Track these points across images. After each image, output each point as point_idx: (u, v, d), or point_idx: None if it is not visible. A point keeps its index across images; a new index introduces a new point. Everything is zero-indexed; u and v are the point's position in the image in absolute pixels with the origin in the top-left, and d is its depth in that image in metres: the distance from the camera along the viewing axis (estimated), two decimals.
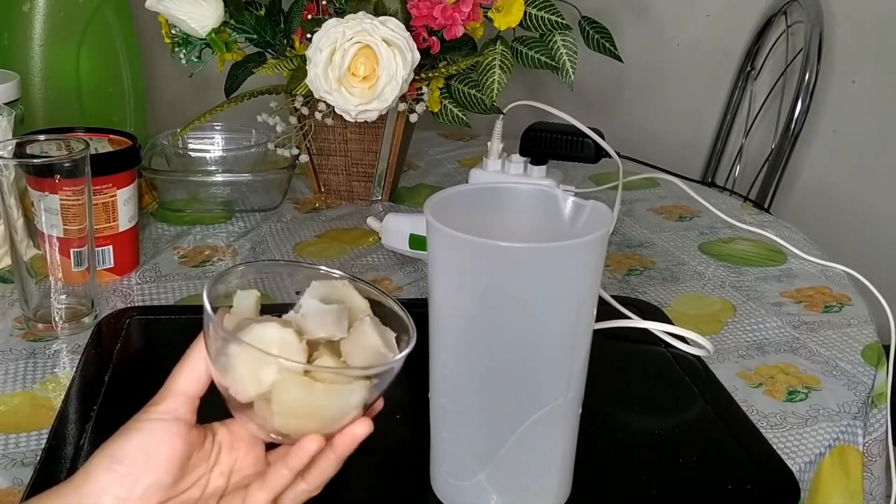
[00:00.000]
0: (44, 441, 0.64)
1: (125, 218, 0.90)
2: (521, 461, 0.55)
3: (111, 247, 0.89)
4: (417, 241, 0.95)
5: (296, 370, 0.46)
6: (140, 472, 0.46)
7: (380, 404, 0.51)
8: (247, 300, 0.51)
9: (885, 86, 1.67)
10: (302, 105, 1.05)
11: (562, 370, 0.53)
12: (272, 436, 0.50)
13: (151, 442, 0.47)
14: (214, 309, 0.48)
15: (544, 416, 0.53)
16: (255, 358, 0.46)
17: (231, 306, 0.51)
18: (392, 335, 0.51)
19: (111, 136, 0.92)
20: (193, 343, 0.50)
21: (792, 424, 0.70)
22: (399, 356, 0.49)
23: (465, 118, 1.04)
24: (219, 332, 0.47)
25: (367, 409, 0.49)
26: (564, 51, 1.03)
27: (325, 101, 0.98)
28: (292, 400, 0.47)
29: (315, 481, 0.50)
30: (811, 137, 1.67)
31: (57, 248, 0.78)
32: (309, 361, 0.48)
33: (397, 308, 0.52)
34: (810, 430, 0.70)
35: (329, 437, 0.49)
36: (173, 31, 1.04)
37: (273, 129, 1.08)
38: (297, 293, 0.52)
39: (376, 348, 0.50)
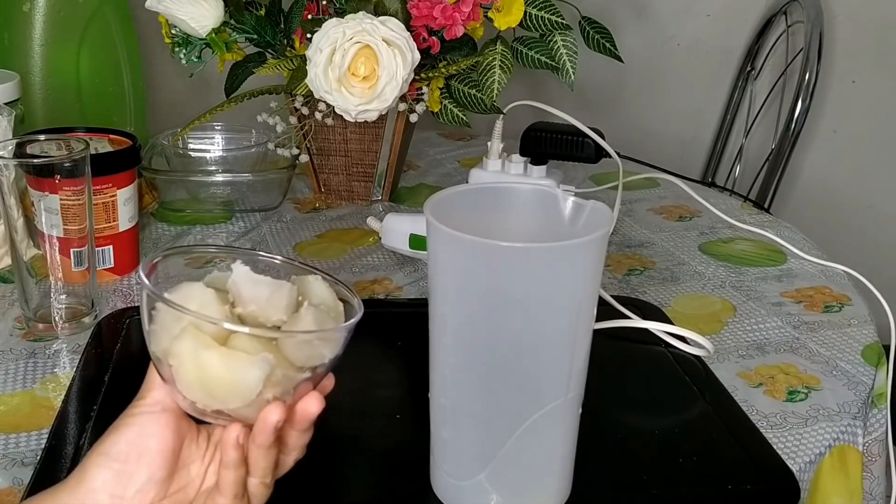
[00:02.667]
0: (44, 441, 0.64)
1: (125, 218, 0.90)
2: (521, 461, 0.55)
3: (111, 247, 0.89)
4: (417, 241, 0.95)
5: (203, 326, 0.44)
6: (134, 468, 0.47)
7: (315, 404, 0.47)
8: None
9: (885, 86, 1.67)
10: (302, 105, 1.05)
11: (562, 370, 0.53)
12: (200, 412, 0.47)
13: (142, 436, 0.47)
14: (149, 275, 0.47)
15: (544, 416, 0.53)
16: (173, 314, 0.45)
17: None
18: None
19: (111, 136, 0.92)
20: None
21: (792, 424, 0.70)
22: (342, 325, 0.47)
23: (465, 118, 1.04)
24: (144, 290, 0.46)
25: (290, 397, 0.47)
26: (564, 51, 1.03)
27: (325, 101, 0.98)
28: (184, 354, 0.45)
29: (257, 472, 0.48)
30: (811, 137, 1.67)
31: (57, 248, 0.78)
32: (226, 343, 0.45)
33: (343, 289, 0.50)
34: (810, 430, 0.70)
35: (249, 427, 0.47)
36: (173, 31, 1.04)
37: (273, 129, 1.08)
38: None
39: (310, 340, 0.46)
